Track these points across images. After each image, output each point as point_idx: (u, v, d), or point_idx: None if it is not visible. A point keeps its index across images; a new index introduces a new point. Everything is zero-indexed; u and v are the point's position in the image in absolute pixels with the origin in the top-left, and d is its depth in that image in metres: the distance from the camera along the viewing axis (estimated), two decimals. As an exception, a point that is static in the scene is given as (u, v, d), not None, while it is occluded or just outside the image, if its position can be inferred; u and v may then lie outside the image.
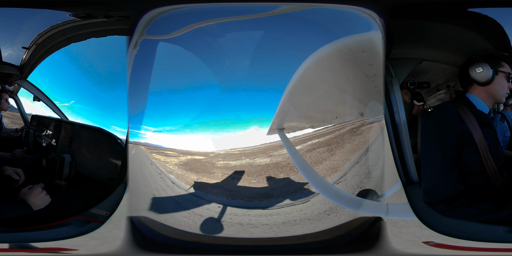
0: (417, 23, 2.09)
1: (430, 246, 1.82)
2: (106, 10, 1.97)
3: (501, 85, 2.09)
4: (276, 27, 1.85)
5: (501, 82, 2.09)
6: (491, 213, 1.91)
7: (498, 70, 2.08)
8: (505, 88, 2.11)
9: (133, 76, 1.86)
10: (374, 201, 1.86)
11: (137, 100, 1.87)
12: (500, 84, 2.09)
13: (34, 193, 1.98)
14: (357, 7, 1.81)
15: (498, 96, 2.11)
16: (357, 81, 1.87)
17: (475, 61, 2.09)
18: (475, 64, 2.08)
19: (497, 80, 2.08)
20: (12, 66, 2.34)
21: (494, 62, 2.08)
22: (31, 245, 1.83)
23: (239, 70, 1.86)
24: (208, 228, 1.86)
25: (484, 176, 1.97)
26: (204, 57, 1.88)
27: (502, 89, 2.10)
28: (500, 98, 2.12)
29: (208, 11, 1.84)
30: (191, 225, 1.87)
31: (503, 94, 2.12)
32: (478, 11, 2.02)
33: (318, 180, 1.87)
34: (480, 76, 2.07)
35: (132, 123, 1.89)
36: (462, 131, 1.95)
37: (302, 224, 1.85)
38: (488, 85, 2.07)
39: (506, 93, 2.13)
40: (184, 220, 1.88)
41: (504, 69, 2.10)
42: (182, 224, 1.88)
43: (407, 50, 2.29)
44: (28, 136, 2.65)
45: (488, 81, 2.06)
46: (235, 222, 1.86)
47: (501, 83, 2.09)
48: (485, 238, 1.81)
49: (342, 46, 1.82)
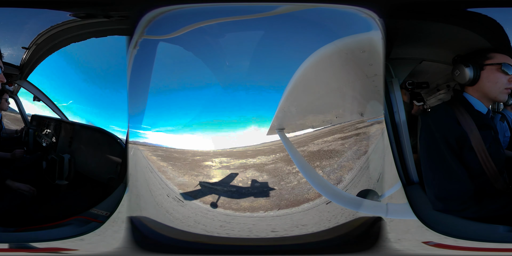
0: (417, 23, 2.08)
1: (430, 246, 1.82)
2: (106, 10, 1.97)
3: (491, 80, 1.90)
4: (276, 27, 1.85)
5: (490, 77, 1.91)
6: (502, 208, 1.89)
7: (484, 64, 1.90)
8: (499, 83, 1.90)
9: (133, 76, 1.86)
10: (374, 201, 1.86)
11: (137, 100, 1.87)
12: (489, 79, 1.91)
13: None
14: (357, 7, 1.81)
15: (493, 94, 1.93)
16: (357, 81, 1.87)
17: (454, 63, 1.98)
18: (454, 66, 1.96)
19: (485, 76, 1.91)
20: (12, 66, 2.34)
21: (478, 58, 1.93)
22: (31, 245, 1.83)
23: (239, 70, 1.86)
24: (208, 228, 1.86)
25: (484, 177, 1.94)
26: (204, 57, 1.88)
27: (494, 84, 1.90)
28: (496, 96, 1.92)
29: (208, 11, 1.84)
30: (191, 225, 1.87)
31: (498, 90, 1.91)
32: (478, 11, 2.01)
33: (318, 180, 1.87)
34: (460, 78, 1.94)
35: (132, 123, 1.89)
36: (459, 134, 1.89)
37: (302, 224, 1.85)
38: (476, 84, 1.93)
39: (504, 88, 1.91)
40: (184, 220, 1.88)
41: (493, 60, 1.91)
42: (182, 224, 1.88)
43: (407, 50, 2.29)
44: (28, 136, 2.65)
45: (470, 81, 1.91)
46: (235, 222, 1.86)
47: (491, 77, 1.91)
48: (485, 238, 1.81)
49: (342, 46, 1.82)
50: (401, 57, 2.28)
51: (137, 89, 1.87)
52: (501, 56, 1.94)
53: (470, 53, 1.97)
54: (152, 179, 1.95)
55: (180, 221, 1.88)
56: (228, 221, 1.86)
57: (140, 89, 1.87)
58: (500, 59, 1.92)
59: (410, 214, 1.82)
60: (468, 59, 1.95)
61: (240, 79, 1.85)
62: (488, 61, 1.92)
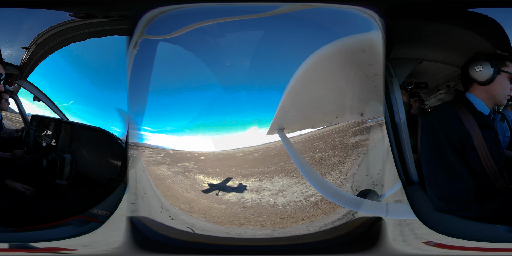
0: (417, 23, 2.08)
1: (430, 246, 1.82)
2: (106, 10, 1.97)
3: (502, 86, 2.00)
4: (276, 27, 1.85)
5: (502, 83, 2.00)
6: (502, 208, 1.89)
7: (501, 70, 1.99)
8: (507, 90, 2.02)
9: (133, 76, 1.86)
10: (374, 201, 1.85)
11: (137, 100, 1.87)
12: (501, 84, 2.00)
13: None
14: (357, 7, 1.81)
15: (499, 98, 2.03)
16: (357, 81, 1.87)
17: (476, 59, 2.02)
18: (476, 62, 2.01)
19: (499, 80, 2.00)
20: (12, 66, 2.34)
21: (497, 61, 2.00)
22: (31, 245, 1.83)
23: (239, 70, 1.86)
24: (208, 228, 1.86)
25: (485, 177, 1.95)
26: (204, 57, 1.88)
27: (503, 90, 2.01)
28: (500, 100, 2.03)
29: (208, 11, 1.84)
30: (191, 225, 1.87)
31: (504, 95, 2.02)
32: (478, 11, 2.01)
33: (318, 180, 1.87)
34: (480, 75, 2.00)
35: (132, 123, 1.89)
36: (462, 134, 1.91)
37: (302, 224, 1.85)
38: (488, 85, 2.00)
39: (508, 95, 2.03)
40: (184, 220, 1.88)
41: (508, 69, 2.01)
42: (182, 224, 1.88)
43: (407, 50, 2.29)
44: (28, 136, 2.65)
45: (487, 80, 1.99)
46: (235, 222, 1.86)
47: (503, 83, 2.00)
48: (485, 238, 1.81)
49: (342, 46, 1.82)
50: (401, 57, 2.28)
51: (137, 89, 1.87)
52: None
53: (492, 55, 2.03)
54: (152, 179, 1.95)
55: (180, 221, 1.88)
56: (228, 221, 1.86)
57: (140, 89, 1.87)
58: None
59: (410, 214, 1.82)
60: (490, 60, 2.00)
61: (240, 79, 1.85)
62: (504, 68, 2.01)
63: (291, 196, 1.87)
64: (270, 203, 1.87)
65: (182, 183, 1.93)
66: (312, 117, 2.01)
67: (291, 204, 1.86)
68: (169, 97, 1.89)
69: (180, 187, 1.93)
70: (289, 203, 1.86)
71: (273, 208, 1.86)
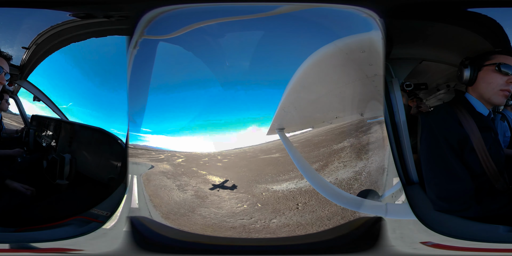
0: (417, 23, 2.08)
1: (430, 246, 1.82)
2: (106, 10, 1.97)
3: (486, 81, 1.92)
4: (276, 27, 1.85)
5: (485, 78, 1.92)
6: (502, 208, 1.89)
7: (482, 65, 1.92)
8: (493, 84, 1.90)
9: (133, 76, 1.86)
10: (374, 201, 1.86)
11: (137, 100, 1.87)
12: (485, 79, 1.92)
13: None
14: (357, 7, 1.81)
15: (487, 95, 1.93)
16: (357, 81, 1.87)
17: (460, 63, 2.02)
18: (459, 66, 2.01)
19: (481, 76, 1.92)
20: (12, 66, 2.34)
21: (480, 59, 1.95)
22: (31, 245, 1.83)
23: (239, 70, 1.86)
24: (208, 228, 1.86)
25: (485, 177, 1.95)
26: (204, 57, 1.88)
27: (488, 85, 1.91)
28: (489, 97, 1.93)
29: (208, 11, 1.84)
30: (191, 225, 1.87)
31: (491, 91, 1.91)
32: (478, 11, 2.01)
33: (318, 180, 1.87)
34: (459, 78, 2.02)
35: (132, 123, 1.89)
36: (461, 136, 1.91)
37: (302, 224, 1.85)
38: (473, 84, 1.97)
39: (498, 90, 1.91)
40: (184, 220, 1.88)
41: (491, 61, 1.91)
42: (182, 224, 1.88)
43: (407, 50, 2.29)
44: (28, 136, 2.65)
45: (468, 80, 1.95)
46: (235, 222, 1.86)
47: (486, 78, 1.92)
48: (485, 238, 1.81)
49: (342, 46, 1.82)
50: (401, 57, 2.28)
51: (137, 89, 1.87)
52: (502, 57, 1.94)
53: (477, 55, 1.99)
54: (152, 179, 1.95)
55: (180, 221, 1.89)
56: (228, 221, 1.86)
57: (140, 89, 1.87)
58: (498, 60, 1.92)
59: (410, 214, 1.82)
60: (472, 60, 1.98)
61: (240, 79, 1.85)
62: (487, 62, 1.94)
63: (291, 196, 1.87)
64: (270, 203, 1.87)
65: (182, 183, 1.93)
66: (312, 117, 2.01)
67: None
68: (169, 97, 1.89)
69: (180, 187, 1.93)
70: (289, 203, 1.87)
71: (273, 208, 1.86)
